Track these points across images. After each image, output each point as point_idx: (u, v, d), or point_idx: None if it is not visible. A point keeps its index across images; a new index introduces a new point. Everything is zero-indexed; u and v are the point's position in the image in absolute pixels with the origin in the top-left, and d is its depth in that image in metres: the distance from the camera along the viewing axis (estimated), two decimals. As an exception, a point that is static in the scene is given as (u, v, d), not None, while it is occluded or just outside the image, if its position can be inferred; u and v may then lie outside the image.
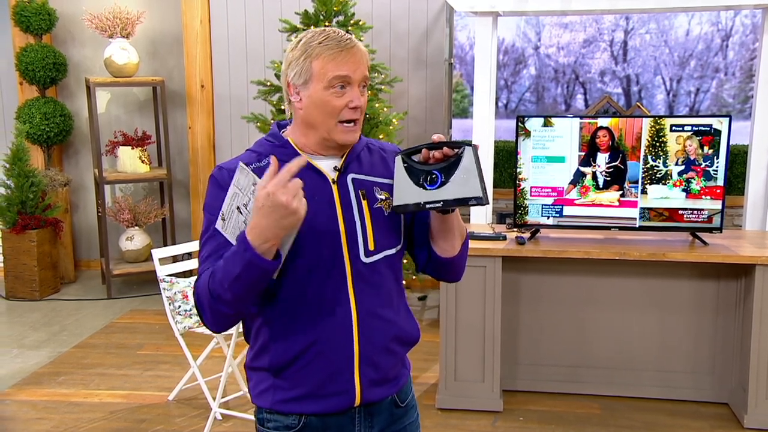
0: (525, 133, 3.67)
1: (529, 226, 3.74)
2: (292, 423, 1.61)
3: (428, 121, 5.59)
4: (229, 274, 1.43)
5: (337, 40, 1.54)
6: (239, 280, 1.43)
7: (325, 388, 1.58)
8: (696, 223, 3.61)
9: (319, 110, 1.55)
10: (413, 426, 1.75)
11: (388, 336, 1.64)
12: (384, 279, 1.63)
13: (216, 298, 1.47)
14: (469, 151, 1.51)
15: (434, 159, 1.54)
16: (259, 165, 1.57)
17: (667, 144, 3.57)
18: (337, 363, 1.58)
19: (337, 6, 4.75)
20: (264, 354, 1.61)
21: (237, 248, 1.43)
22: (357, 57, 1.54)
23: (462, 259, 1.71)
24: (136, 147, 5.69)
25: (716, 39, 6.19)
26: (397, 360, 1.69)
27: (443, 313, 3.65)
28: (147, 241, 5.85)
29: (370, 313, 1.59)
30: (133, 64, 5.62)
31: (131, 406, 3.77)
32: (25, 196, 5.46)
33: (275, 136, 1.64)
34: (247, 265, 1.41)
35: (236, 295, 1.45)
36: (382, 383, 1.65)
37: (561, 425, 3.53)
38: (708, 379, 3.75)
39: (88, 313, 5.28)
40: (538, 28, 6.46)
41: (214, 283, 1.46)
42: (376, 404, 1.65)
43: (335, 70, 1.52)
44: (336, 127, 1.55)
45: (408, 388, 1.76)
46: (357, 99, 1.54)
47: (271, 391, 1.61)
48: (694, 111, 6.29)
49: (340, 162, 1.61)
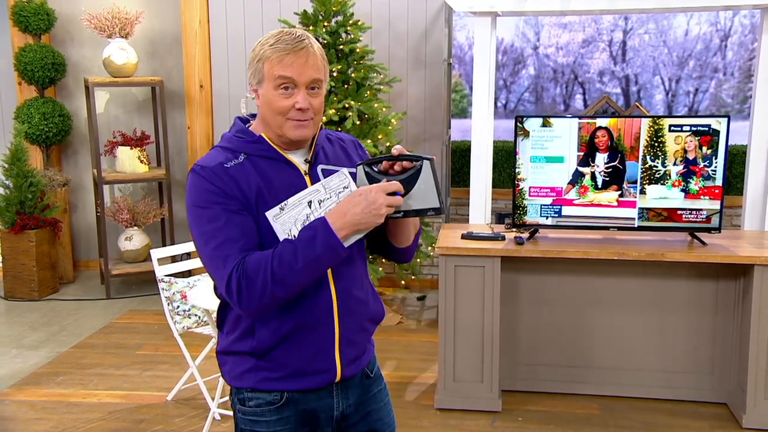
0: (524, 133, 3.67)
1: (527, 226, 3.74)
2: (274, 399, 1.69)
3: (427, 121, 5.60)
4: (305, 256, 1.53)
5: (286, 42, 1.60)
6: (316, 262, 1.54)
7: (309, 366, 1.67)
8: (695, 223, 3.61)
9: (269, 109, 1.63)
10: (382, 393, 1.87)
11: (364, 316, 1.75)
12: (355, 261, 1.72)
13: (278, 280, 1.53)
14: (427, 165, 1.60)
15: (393, 171, 1.63)
16: (238, 162, 1.64)
17: (666, 144, 3.57)
18: (320, 343, 1.67)
19: (336, 6, 4.74)
20: (247, 338, 1.66)
21: (318, 233, 1.54)
22: (304, 60, 1.60)
23: (414, 246, 1.84)
24: (134, 147, 5.69)
25: (715, 39, 6.19)
26: (367, 336, 1.80)
27: (442, 313, 3.65)
28: (146, 241, 5.85)
29: (348, 294, 1.69)
30: (132, 64, 5.62)
31: (130, 407, 3.77)
32: (24, 196, 5.46)
33: (245, 131, 1.70)
34: (328, 249, 1.54)
35: (303, 278, 1.54)
36: (357, 360, 1.76)
37: (560, 425, 3.54)
38: (707, 379, 3.75)
39: (87, 313, 5.28)
40: (537, 28, 6.46)
41: (281, 265, 1.53)
42: (351, 379, 1.76)
43: (280, 71, 1.59)
44: (286, 123, 1.63)
45: (374, 360, 1.87)
46: (303, 101, 1.61)
47: (254, 372, 1.68)
48: (693, 111, 6.30)
49: (309, 154, 1.70)
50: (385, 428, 1.85)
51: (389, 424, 1.87)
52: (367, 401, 1.81)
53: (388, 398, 1.89)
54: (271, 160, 1.66)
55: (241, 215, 1.59)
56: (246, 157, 1.65)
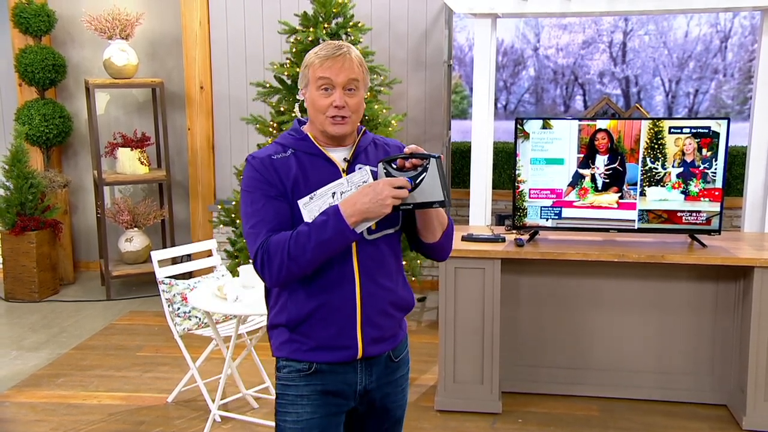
0: (524, 135, 3.67)
1: (528, 228, 3.74)
2: (303, 368, 1.91)
3: (427, 122, 5.60)
4: (316, 238, 1.76)
5: (328, 50, 1.86)
6: (326, 244, 1.76)
7: (333, 342, 1.88)
8: (694, 225, 3.61)
9: (312, 108, 1.89)
10: (403, 379, 2.06)
11: (386, 301, 1.93)
12: (384, 254, 1.92)
13: (293, 258, 1.77)
14: (433, 162, 1.80)
15: (407, 167, 1.83)
16: (284, 155, 1.89)
17: (666, 146, 3.58)
18: (343, 322, 1.88)
19: (336, 7, 4.74)
20: (283, 312, 1.91)
21: (330, 219, 1.77)
22: (341, 64, 1.84)
23: (444, 243, 2.01)
24: (135, 148, 5.69)
25: (715, 40, 6.19)
26: (394, 322, 1.98)
27: (442, 314, 3.65)
28: (146, 242, 5.85)
29: (372, 281, 1.89)
30: (133, 65, 5.63)
31: (130, 408, 3.77)
32: (25, 198, 5.46)
33: (297, 131, 1.95)
34: (338, 233, 1.76)
35: (314, 257, 1.77)
36: (381, 341, 1.94)
37: (560, 427, 3.54)
38: (707, 381, 3.75)
39: (88, 314, 5.28)
40: (537, 30, 6.46)
41: (297, 245, 1.77)
42: (375, 358, 1.95)
43: (320, 73, 1.85)
44: (326, 120, 1.87)
45: (402, 346, 2.04)
46: (339, 99, 1.84)
47: (288, 343, 1.91)
48: (693, 112, 6.30)
49: (350, 154, 1.92)
50: (398, 410, 2.06)
51: (402, 407, 2.08)
52: (388, 383, 2.00)
53: (407, 384, 2.08)
54: (313, 156, 1.90)
55: (278, 200, 1.84)
56: (293, 152, 1.90)
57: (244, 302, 3.26)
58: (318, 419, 1.91)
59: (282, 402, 1.94)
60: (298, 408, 1.91)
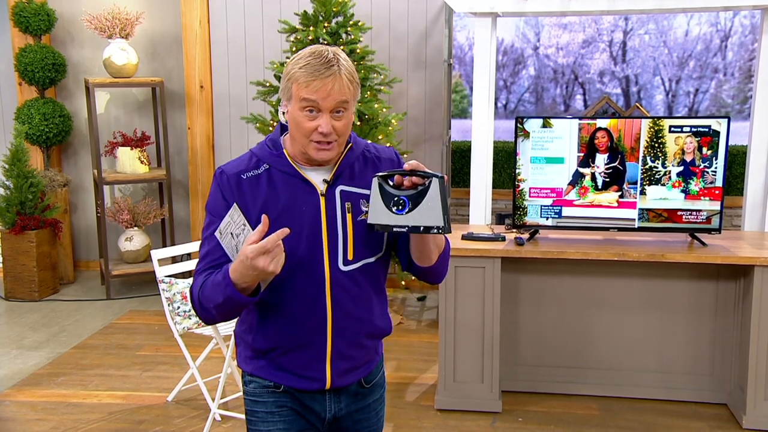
0: (524, 134, 3.67)
1: (528, 227, 3.74)
2: (270, 384, 1.80)
3: (427, 121, 5.60)
4: (213, 299, 1.64)
5: (315, 67, 1.62)
6: (221, 307, 1.64)
7: (302, 372, 1.77)
8: (695, 224, 3.61)
9: (294, 127, 1.68)
10: (377, 403, 1.92)
11: (361, 333, 1.79)
12: (360, 285, 1.76)
13: (205, 309, 1.69)
14: (435, 183, 1.61)
15: (405, 186, 1.64)
16: (257, 173, 1.72)
17: (666, 145, 3.57)
18: (312, 355, 1.75)
19: (336, 7, 4.74)
20: (250, 334, 1.80)
21: (221, 281, 1.62)
22: (330, 86, 1.61)
23: (440, 267, 1.82)
24: (135, 148, 5.69)
25: (715, 39, 6.19)
26: (368, 351, 1.85)
27: (442, 313, 3.65)
28: (146, 241, 5.85)
29: (344, 313, 1.74)
30: (133, 64, 5.63)
31: (130, 407, 3.77)
32: (25, 197, 5.46)
33: (275, 143, 1.77)
34: (227, 298, 1.61)
35: (220, 314, 1.67)
36: (351, 371, 1.81)
37: (560, 426, 3.54)
38: (707, 380, 3.75)
39: (88, 313, 5.28)
40: (538, 29, 6.46)
41: (204, 297, 1.68)
42: (344, 387, 1.83)
43: (305, 95, 1.62)
44: (309, 144, 1.67)
45: (377, 370, 1.92)
46: (326, 125, 1.63)
47: (254, 360, 1.81)
48: (693, 111, 6.29)
49: (330, 175, 1.73)
50: None
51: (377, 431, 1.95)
52: (360, 410, 1.88)
53: (382, 407, 1.96)
54: (287, 175, 1.72)
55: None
56: (266, 169, 1.72)
57: (244, 301, 3.25)
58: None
59: (252, 419, 1.84)
60: (270, 425, 1.81)
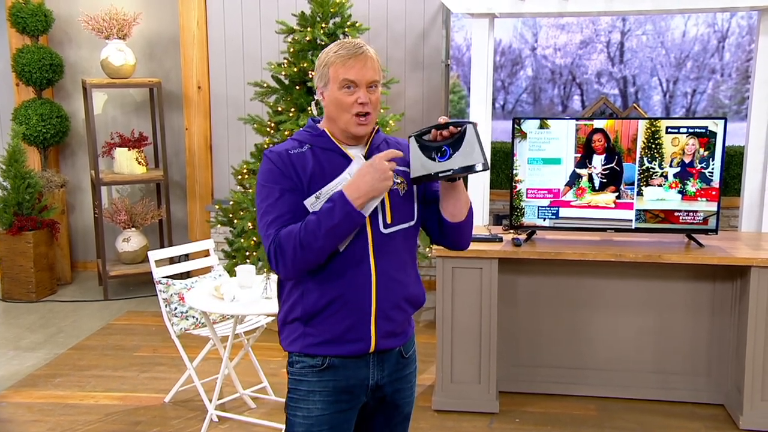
0: (521, 134, 3.67)
1: (525, 227, 3.74)
2: (316, 363, 1.93)
3: (425, 122, 5.59)
4: (325, 224, 1.79)
5: (347, 49, 1.89)
6: (335, 228, 1.79)
7: (346, 335, 1.91)
8: (691, 224, 3.62)
9: (335, 106, 1.90)
10: (412, 375, 2.13)
11: (400, 295, 1.95)
12: (399, 249, 1.94)
13: (304, 246, 1.80)
14: (470, 128, 1.82)
15: (442, 137, 1.85)
16: (301, 150, 1.92)
17: (663, 146, 3.58)
18: (357, 315, 1.90)
19: (334, 7, 4.74)
20: (298, 305, 1.92)
21: (334, 205, 1.80)
22: (362, 63, 1.89)
23: (468, 224, 2.02)
24: (132, 148, 5.68)
25: (712, 40, 6.19)
26: (405, 317, 2.01)
27: (440, 314, 3.65)
28: (143, 242, 5.84)
29: (387, 275, 1.91)
30: (130, 65, 5.62)
31: (127, 408, 3.77)
32: (22, 198, 5.45)
33: (313, 127, 1.98)
34: (346, 215, 1.79)
35: (326, 244, 1.80)
36: (393, 335, 1.98)
37: (557, 427, 3.54)
38: (704, 381, 3.75)
39: (85, 314, 5.27)
40: (535, 30, 6.46)
41: (307, 234, 1.80)
42: (387, 352, 1.99)
43: (344, 74, 1.88)
44: (351, 119, 1.89)
45: (411, 343, 2.10)
46: (364, 96, 1.88)
47: (301, 338, 1.93)
48: (691, 112, 6.30)
49: (364, 150, 1.96)
50: (407, 406, 2.12)
51: (411, 403, 2.14)
52: (399, 379, 2.05)
53: (416, 381, 2.16)
54: (329, 152, 1.92)
55: (293, 194, 1.87)
56: (310, 148, 1.93)
57: (241, 302, 3.26)
58: (329, 415, 1.94)
59: (293, 397, 1.97)
60: (309, 404, 1.94)
